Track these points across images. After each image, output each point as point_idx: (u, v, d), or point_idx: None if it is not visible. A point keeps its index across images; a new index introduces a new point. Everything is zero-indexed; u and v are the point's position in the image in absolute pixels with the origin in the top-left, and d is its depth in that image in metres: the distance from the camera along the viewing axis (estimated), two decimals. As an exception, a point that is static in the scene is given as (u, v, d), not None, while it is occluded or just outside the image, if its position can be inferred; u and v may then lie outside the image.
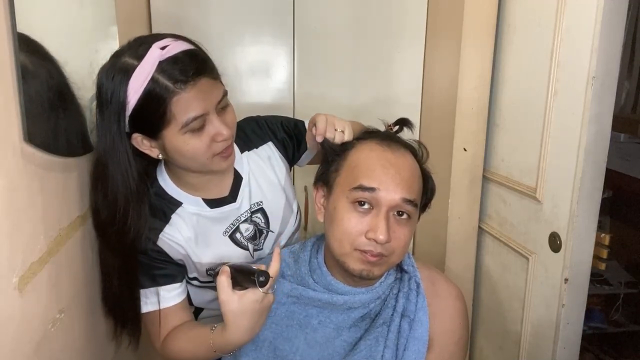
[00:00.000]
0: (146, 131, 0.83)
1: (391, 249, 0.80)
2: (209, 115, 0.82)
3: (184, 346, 0.90)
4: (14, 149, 0.63)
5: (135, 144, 0.85)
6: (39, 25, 0.75)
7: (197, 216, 0.94)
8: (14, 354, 0.64)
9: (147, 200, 0.89)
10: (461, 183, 1.53)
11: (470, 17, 1.42)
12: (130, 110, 0.79)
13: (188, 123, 0.80)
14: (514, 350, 1.45)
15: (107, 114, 0.80)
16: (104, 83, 0.80)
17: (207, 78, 0.81)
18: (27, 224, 0.68)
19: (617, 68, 1.11)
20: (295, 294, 0.89)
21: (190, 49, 0.82)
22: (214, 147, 0.85)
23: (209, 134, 0.83)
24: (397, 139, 0.88)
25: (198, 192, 0.95)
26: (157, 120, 0.80)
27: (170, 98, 0.78)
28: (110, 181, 0.84)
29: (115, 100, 0.79)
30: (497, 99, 1.49)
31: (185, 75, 0.78)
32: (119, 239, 0.87)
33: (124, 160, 0.83)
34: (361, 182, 0.80)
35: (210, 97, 0.82)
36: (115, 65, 0.80)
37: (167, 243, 0.92)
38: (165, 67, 0.78)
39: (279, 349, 0.88)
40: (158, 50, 0.78)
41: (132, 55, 0.79)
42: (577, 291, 1.23)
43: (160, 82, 0.78)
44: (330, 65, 1.59)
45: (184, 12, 1.49)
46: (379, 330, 0.86)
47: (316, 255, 0.91)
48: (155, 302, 0.93)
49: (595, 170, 1.15)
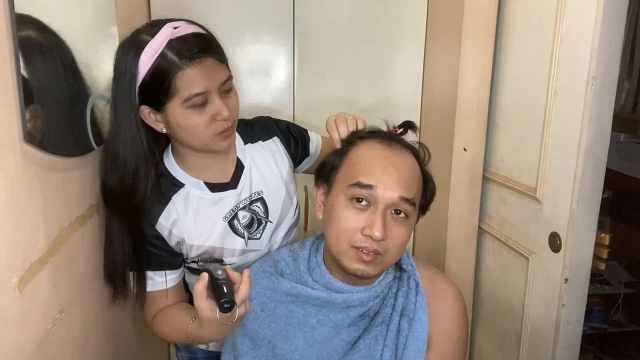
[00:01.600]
0: (152, 103, 0.88)
1: (386, 247, 0.80)
2: (211, 94, 0.87)
3: (166, 330, 0.97)
4: (14, 149, 0.64)
5: (142, 117, 0.90)
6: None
7: (198, 198, 0.98)
8: (14, 354, 0.64)
9: (154, 166, 0.94)
10: (461, 183, 1.53)
11: (470, 17, 1.42)
12: (140, 82, 0.85)
13: (190, 98, 0.85)
14: (514, 350, 1.45)
15: (120, 84, 0.86)
16: (120, 57, 0.86)
17: (213, 59, 0.87)
18: (27, 224, 0.68)
19: (617, 68, 1.11)
20: (294, 293, 0.89)
21: (201, 32, 0.89)
22: (214, 126, 0.89)
23: (210, 112, 0.87)
24: (399, 139, 0.88)
25: (201, 175, 0.98)
26: (162, 92, 0.85)
27: (175, 72, 0.84)
28: (121, 146, 0.89)
29: (127, 72, 0.85)
30: (497, 99, 1.49)
31: (191, 53, 0.84)
32: (126, 200, 0.91)
33: (134, 126, 0.88)
34: (359, 179, 0.80)
35: (213, 77, 0.87)
36: (131, 41, 0.86)
37: (163, 226, 0.95)
38: (174, 45, 0.84)
39: (277, 348, 0.89)
40: (170, 28, 0.85)
41: (147, 32, 0.86)
42: (577, 291, 1.23)
43: (168, 57, 0.84)
44: (330, 65, 1.60)
45: (184, 12, 1.49)
46: (378, 329, 0.86)
47: (315, 254, 0.91)
48: (149, 283, 0.98)
49: (595, 170, 1.15)
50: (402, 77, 1.63)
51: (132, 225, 0.94)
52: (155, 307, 0.99)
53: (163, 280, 0.98)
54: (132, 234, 0.94)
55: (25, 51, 0.66)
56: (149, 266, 0.97)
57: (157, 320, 0.99)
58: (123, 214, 0.93)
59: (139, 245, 0.95)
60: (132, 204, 0.91)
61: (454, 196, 1.54)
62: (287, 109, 1.61)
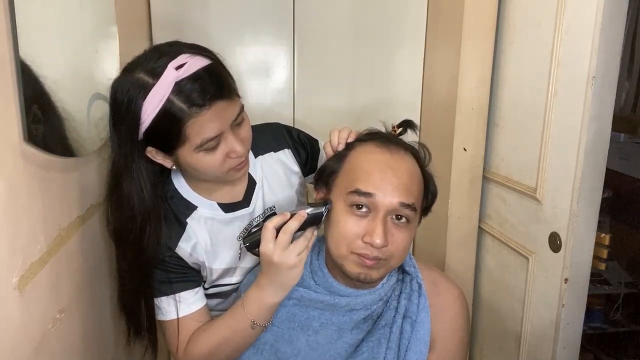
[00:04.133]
0: (160, 147, 0.83)
1: (389, 253, 0.79)
2: (224, 133, 0.82)
3: (214, 339, 0.88)
4: (14, 149, 0.63)
5: (149, 156, 0.84)
6: (39, 25, 0.75)
7: (211, 220, 0.94)
8: (14, 354, 0.64)
9: (163, 214, 0.88)
10: (461, 183, 1.53)
11: (470, 17, 1.42)
12: (146, 127, 0.79)
13: (203, 144, 0.80)
14: (514, 350, 1.45)
15: (122, 129, 0.80)
16: (118, 97, 0.79)
17: (224, 100, 0.80)
18: (27, 224, 0.68)
19: (617, 68, 1.11)
20: (297, 296, 0.88)
21: (207, 67, 0.80)
22: (228, 163, 0.85)
23: (223, 151, 0.83)
24: (398, 141, 0.86)
25: (212, 196, 0.94)
26: (171, 140, 0.80)
27: (186, 121, 0.77)
28: (125, 197, 0.84)
29: (130, 116, 0.78)
30: (497, 99, 1.49)
31: (202, 99, 0.77)
32: (135, 253, 0.86)
33: (138, 176, 0.83)
34: (358, 187, 0.79)
35: (225, 117, 0.81)
36: (130, 80, 0.78)
37: (184, 250, 0.91)
38: (182, 89, 0.76)
39: (280, 352, 0.88)
40: (173, 70, 0.76)
41: (147, 72, 0.77)
42: (577, 291, 1.23)
43: (176, 104, 0.76)
44: (330, 65, 1.59)
45: (184, 12, 1.49)
46: (381, 331, 0.86)
47: (317, 258, 0.90)
48: (174, 310, 0.90)
49: (595, 170, 1.15)
50: (402, 77, 1.63)
51: (140, 268, 0.89)
52: (187, 333, 0.91)
53: (192, 300, 0.92)
54: (146, 284, 0.90)
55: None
56: (172, 290, 0.91)
57: (194, 342, 0.89)
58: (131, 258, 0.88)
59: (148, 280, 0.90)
60: (144, 255, 0.86)
61: (454, 196, 1.54)
62: (287, 109, 1.61)
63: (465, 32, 1.43)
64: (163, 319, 0.92)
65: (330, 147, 0.90)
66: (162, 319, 0.92)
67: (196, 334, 0.90)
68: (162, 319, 0.92)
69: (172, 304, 0.91)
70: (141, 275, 0.89)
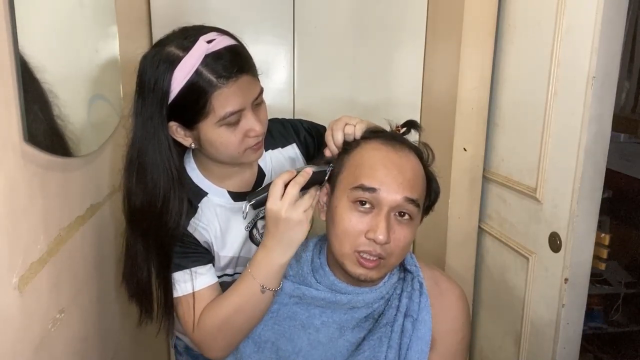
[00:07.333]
0: (183, 121, 0.85)
1: (390, 250, 0.80)
2: (245, 110, 0.85)
3: (225, 309, 0.87)
4: (14, 149, 0.63)
5: (170, 133, 0.86)
6: (39, 25, 0.75)
7: (220, 207, 0.96)
8: (14, 354, 0.64)
9: (187, 186, 0.90)
10: (461, 183, 1.53)
11: (470, 17, 1.42)
12: (172, 99, 0.81)
13: (225, 117, 0.83)
14: (514, 350, 1.45)
15: (149, 101, 0.82)
16: (147, 71, 0.81)
17: (248, 75, 0.84)
18: (27, 224, 0.68)
19: (617, 68, 1.11)
20: (298, 294, 0.88)
21: (234, 45, 0.85)
22: (246, 142, 0.87)
23: (243, 128, 0.86)
24: (402, 139, 0.87)
25: (223, 184, 0.96)
26: (196, 111, 0.82)
27: (212, 92, 0.80)
28: (150, 169, 0.84)
29: (158, 88, 0.80)
30: (497, 99, 1.49)
31: (229, 72, 0.81)
32: (158, 226, 0.86)
33: (165, 147, 0.84)
34: (362, 182, 0.79)
35: (248, 93, 0.85)
36: (160, 54, 0.81)
37: (197, 230, 0.93)
38: (210, 61, 0.80)
39: (281, 350, 0.88)
40: (205, 43, 0.80)
41: (178, 45, 0.81)
42: (577, 291, 1.23)
43: (204, 75, 0.80)
44: (330, 65, 1.59)
45: (184, 12, 1.49)
46: (382, 330, 0.86)
47: (319, 255, 0.90)
48: (190, 285, 0.90)
49: (595, 170, 1.15)
50: (402, 76, 1.63)
51: (159, 244, 0.88)
52: (201, 306, 0.89)
53: (207, 275, 0.91)
54: (164, 260, 0.89)
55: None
56: (188, 264, 0.90)
57: (206, 315, 0.88)
58: (149, 234, 0.88)
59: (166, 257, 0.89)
60: (167, 228, 0.86)
61: (454, 196, 1.54)
62: (287, 109, 1.61)
63: (465, 32, 1.43)
64: (178, 295, 0.91)
65: (332, 140, 0.89)
66: (177, 294, 0.91)
67: (208, 306, 0.89)
68: (177, 294, 0.91)
69: (188, 278, 0.90)
70: (161, 251, 0.89)
